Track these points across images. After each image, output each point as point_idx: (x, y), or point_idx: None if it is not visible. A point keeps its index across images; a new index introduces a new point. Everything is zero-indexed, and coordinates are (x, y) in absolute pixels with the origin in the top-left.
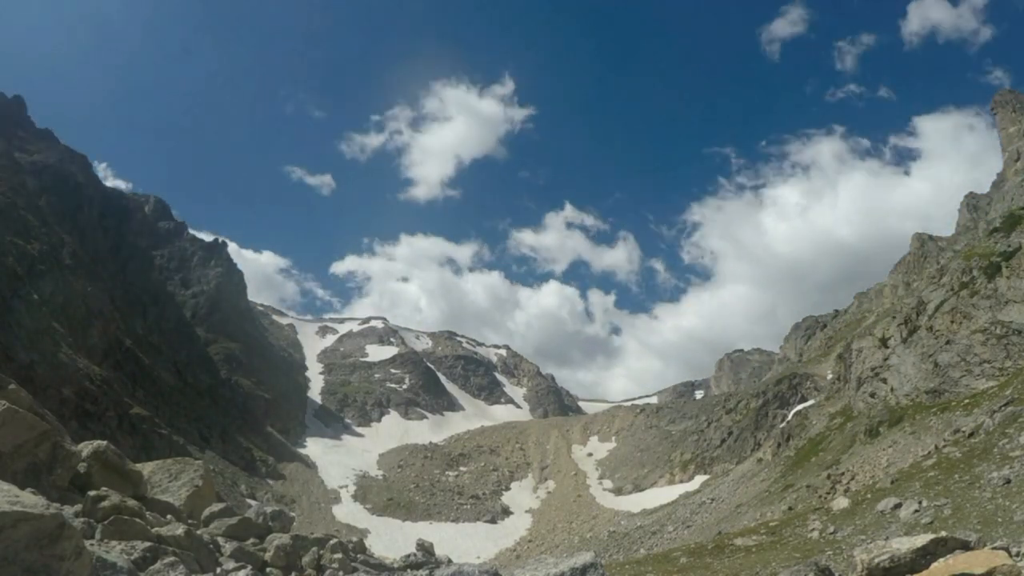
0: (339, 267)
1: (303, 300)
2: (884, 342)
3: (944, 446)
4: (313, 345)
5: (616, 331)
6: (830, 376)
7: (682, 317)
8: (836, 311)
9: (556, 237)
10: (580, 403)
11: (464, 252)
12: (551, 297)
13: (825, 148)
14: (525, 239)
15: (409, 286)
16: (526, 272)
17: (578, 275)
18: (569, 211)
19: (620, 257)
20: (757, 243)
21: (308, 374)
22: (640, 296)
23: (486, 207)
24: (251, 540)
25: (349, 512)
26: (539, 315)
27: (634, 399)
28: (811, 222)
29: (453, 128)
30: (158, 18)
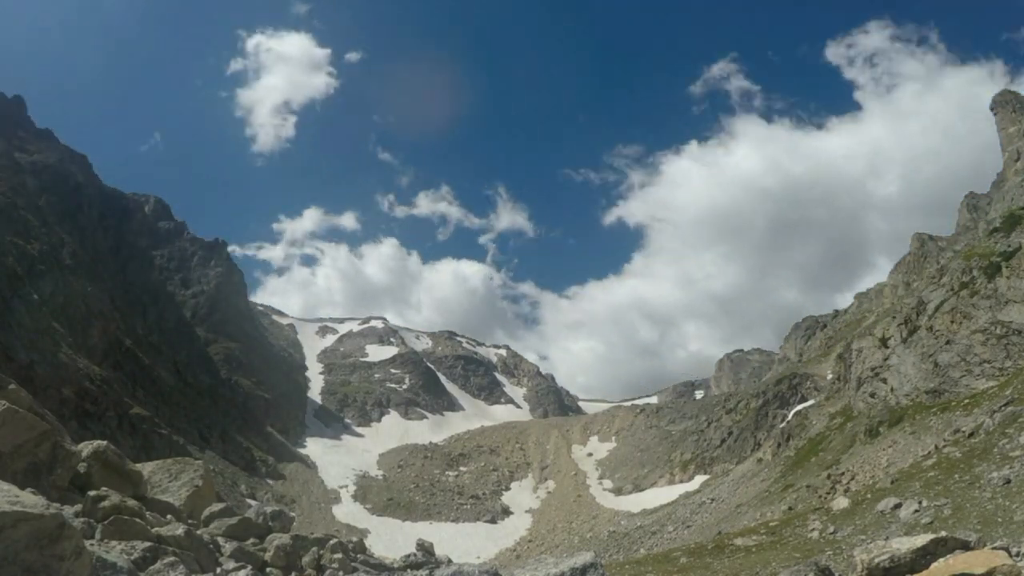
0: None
1: None
2: (884, 342)
3: (944, 446)
4: (313, 345)
5: (535, 306)
6: (830, 376)
7: (609, 290)
8: (836, 311)
9: (429, 203)
10: (580, 403)
11: (347, 221)
12: (447, 275)
13: (731, 78)
14: (399, 207)
15: (308, 270)
16: (416, 239)
17: (471, 247)
18: (436, 173)
19: (519, 225)
20: (680, 200)
21: (308, 374)
22: (558, 270)
23: (348, 167)
24: (251, 540)
25: (349, 512)
26: (444, 297)
27: (634, 399)
28: (729, 171)
29: (272, 79)
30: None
